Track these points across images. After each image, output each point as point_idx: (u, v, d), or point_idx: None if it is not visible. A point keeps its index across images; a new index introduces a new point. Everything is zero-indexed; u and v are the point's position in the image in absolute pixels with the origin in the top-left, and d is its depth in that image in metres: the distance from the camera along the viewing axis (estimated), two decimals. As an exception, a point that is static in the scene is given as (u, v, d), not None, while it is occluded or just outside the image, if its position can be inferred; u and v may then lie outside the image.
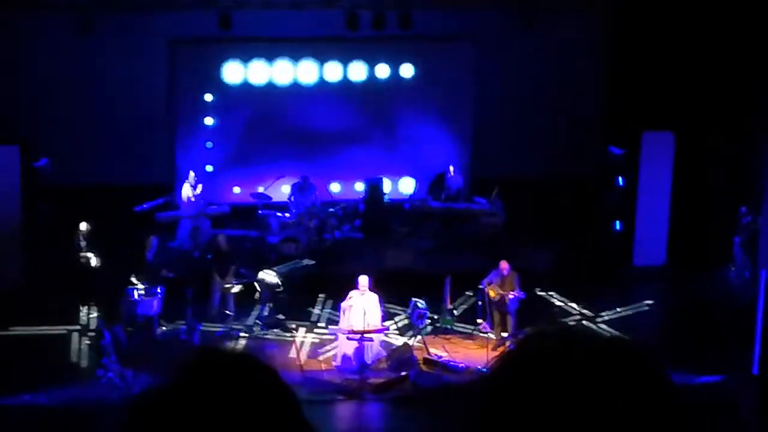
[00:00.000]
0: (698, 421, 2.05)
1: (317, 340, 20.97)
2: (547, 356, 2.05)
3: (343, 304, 19.80)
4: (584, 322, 21.97)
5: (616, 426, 1.95)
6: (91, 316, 21.52)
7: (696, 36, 24.63)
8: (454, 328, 21.46)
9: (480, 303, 21.05)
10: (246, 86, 27.36)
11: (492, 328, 20.69)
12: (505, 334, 20.46)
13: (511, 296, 20.28)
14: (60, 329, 21.18)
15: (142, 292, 20.55)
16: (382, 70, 27.72)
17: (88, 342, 20.35)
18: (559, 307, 22.56)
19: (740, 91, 24.32)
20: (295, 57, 27.33)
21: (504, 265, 20.46)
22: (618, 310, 22.61)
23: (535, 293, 21.94)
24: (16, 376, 18.66)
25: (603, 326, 21.72)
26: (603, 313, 22.42)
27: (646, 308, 22.89)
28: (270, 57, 27.29)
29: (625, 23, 26.34)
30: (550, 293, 22.94)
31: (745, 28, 24.08)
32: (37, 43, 26.00)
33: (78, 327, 21.32)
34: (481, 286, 20.68)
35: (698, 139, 24.65)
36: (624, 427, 1.95)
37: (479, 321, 21.24)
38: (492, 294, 20.43)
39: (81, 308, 21.68)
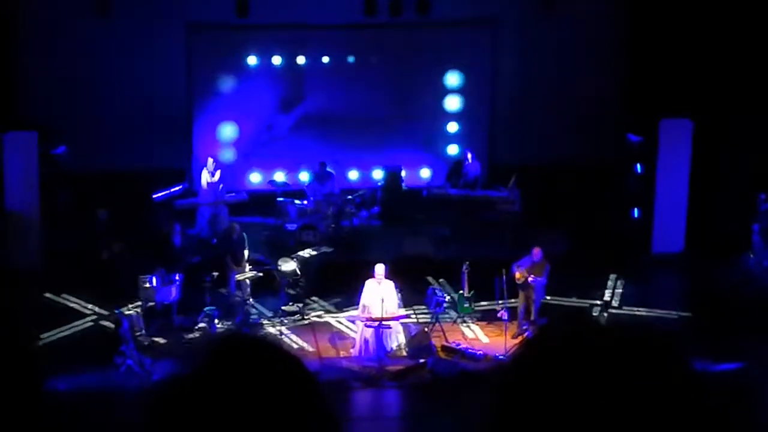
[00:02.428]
0: (718, 408, 2.05)
1: (336, 328, 21.04)
2: (567, 344, 2.05)
3: (363, 297, 19.74)
4: (602, 308, 21.98)
5: (639, 413, 1.95)
6: (113, 303, 21.59)
7: (715, 23, 24.54)
8: (474, 313, 21.44)
9: (500, 289, 20.97)
10: (263, 73, 27.34)
11: (509, 318, 20.63)
12: (529, 310, 20.50)
13: (530, 279, 20.26)
14: (81, 305, 21.31)
15: (161, 280, 20.63)
16: (400, 56, 27.67)
17: (107, 329, 20.44)
18: (576, 298, 22.52)
19: (758, 78, 24.23)
20: (313, 43, 27.30)
21: (536, 251, 20.48)
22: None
23: (557, 278, 21.82)
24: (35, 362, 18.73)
25: (620, 313, 21.72)
26: (612, 298, 22.44)
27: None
28: (287, 43, 27.27)
29: (644, 10, 26.24)
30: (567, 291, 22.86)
31: (763, 14, 23.99)
32: (55, 29, 26.02)
33: (96, 312, 21.42)
34: (511, 269, 20.57)
35: (716, 126, 24.56)
36: (647, 414, 1.95)
37: (497, 308, 21.23)
38: (518, 276, 20.41)
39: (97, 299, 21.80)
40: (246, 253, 21.80)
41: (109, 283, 22.04)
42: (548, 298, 21.26)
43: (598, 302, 22.45)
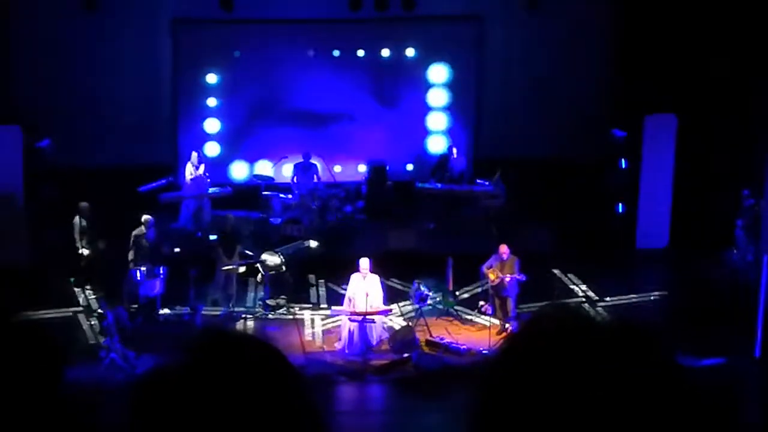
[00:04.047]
0: (703, 404, 2.05)
1: (321, 322, 21.04)
2: (553, 338, 2.05)
3: (348, 291, 19.80)
4: (586, 304, 21.99)
5: (624, 407, 1.95)
6: (93, 297, 21.57)
7: (700, 19, 24.58)
8: (456, 309, 21.52)
9: (482, 288, 21.10)
10: (248, 67, 27.28)
11: (494, 312, 20.69)
12: (507, 304, 20.47)
13: (508, 279, 20.25)
14: (63, 310, 21.23)
15: (145, 274, 20.61)
16: (385, 51, 27.65)
17: (90, 323, 20.41)
18: (561, 288, 22.57)
19: (743, 74, 24.28)
20: (298, 38, 27.26)
21: (503, 249, 20.43)
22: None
23: (541, 274, 21.84)
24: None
25: (605, 308, 21.73)
26: (606, 297, 22.47)
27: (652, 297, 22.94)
28: (273, 38, 27.22)
29: (629, 5, 26.28)
30: (558, 271, 22.94)
31: (749, 11, 24.04)
32: (40, 23, 25.94)
33: (81, 308, 21.38)
34: (480, 271, 20.69)
35: (701, 121, 24.62)
36: (632, 409, 1.95)
37: (481, 303, 21.27)
38: (492, 277, 20.40)
39: (80, 290, 21.82)
40: (238, 247, 21.82)
41: (93, 277, 22.04)
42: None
43: (581, 298, 22.48)
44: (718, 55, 24.52)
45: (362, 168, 27.46)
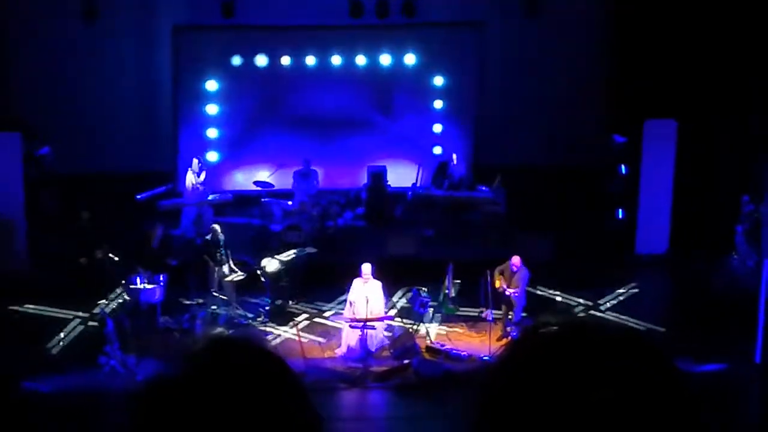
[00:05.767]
0: (703, 410, 2.05)
1: (321, 328, 21.02)
2: (553, 346, 2.05)
3: (349, 296, 19.78)
4: (586, 310, 22.00)
5: (623, 414, 1.95)
6: (98, 303, 21.56)
7: (699, 24, 24.60)
8: (457, 314, 21.49)
9: (485, 291, 20.99)
10: (249, 74, 27.32)
11: (494, 319, 20.62)
12: (510, 316, 20.41)
13: (507, 292, 20.18)
14: (63, 313, 21.25)
15: (145, 281, 20.60)
16: (386, 58, 27.68)
17: (91, 330, 20.41)
18: (561, 299, 22.58)
19: (743, 79, 24.29)
20: (299, 45, 27.30)
21: (515, 260, 20.21)
22: (620, 291, 22.71)
23: (536, 289, 21.90)
24: (18, 363, 18.67)
25: (605, 315, 21.74)
26: (603, 300, 22.45)
27: (636, 291, 22.93)
28: (273, 45, 27.25)
29: (628, 10, 26.29)
30: (551, 291, 22.89)
31: (747, 16, 24.05)
32: (40, 30, 25.97)
33: (80, 315, 21.36)
34: (489, 272, 20.49)
35: (701, 126, 24.62)
36: (632, 415, 1.95)
37: (482, 309, 21.22)
38: (497, 284, 20.32)
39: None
40: (225, 252, 21.69)
41: (94, 285, 22.01)
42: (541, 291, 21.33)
43: (581, 304, 22.50)
44: (717, 60, 24.53)
45: (362, 174, 27.42)
